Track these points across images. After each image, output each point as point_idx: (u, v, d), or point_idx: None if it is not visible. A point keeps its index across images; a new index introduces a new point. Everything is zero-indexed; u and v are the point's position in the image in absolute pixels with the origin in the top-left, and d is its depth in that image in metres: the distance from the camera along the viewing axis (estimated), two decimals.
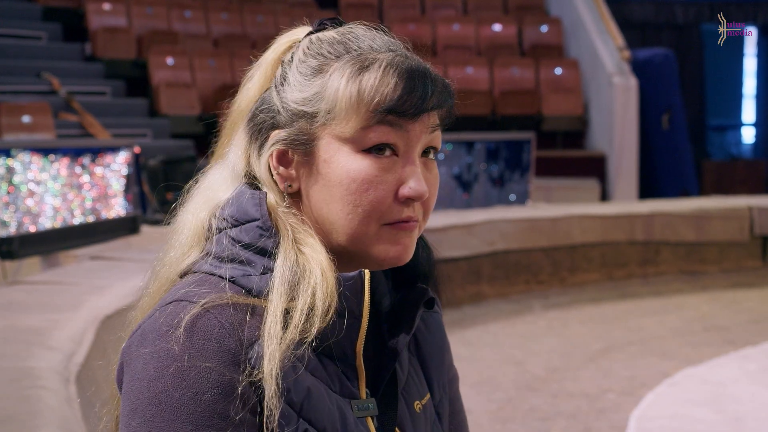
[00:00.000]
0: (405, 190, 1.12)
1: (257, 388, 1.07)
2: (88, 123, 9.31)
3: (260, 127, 1.18)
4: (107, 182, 7.05)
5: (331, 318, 1.09)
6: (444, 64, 11.84)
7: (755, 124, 17.46)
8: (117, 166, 7.13)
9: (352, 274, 1.12)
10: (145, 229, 6.34)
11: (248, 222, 1.14)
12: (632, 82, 11.16)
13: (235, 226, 1.15)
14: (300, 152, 1.15)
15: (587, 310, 7.19)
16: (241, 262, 1.13)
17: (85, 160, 6.93)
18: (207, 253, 1.15)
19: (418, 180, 1.13)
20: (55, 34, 10.84)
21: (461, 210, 8.28)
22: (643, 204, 8.93)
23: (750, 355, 5.67)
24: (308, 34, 1.19)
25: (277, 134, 1.16)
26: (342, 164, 1.12)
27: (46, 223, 6.58)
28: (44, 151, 6.73)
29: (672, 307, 7.28)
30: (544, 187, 10.44)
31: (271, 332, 1.07)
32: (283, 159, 1.16)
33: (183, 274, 1.17)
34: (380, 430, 1.16)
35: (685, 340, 6.23)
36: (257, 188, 1.17)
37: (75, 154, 6.91)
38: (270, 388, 1.06)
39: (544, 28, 12.57)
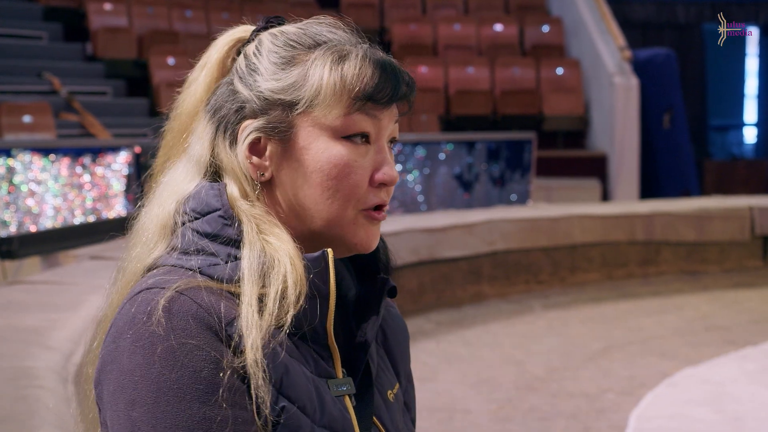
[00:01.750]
0: (380, 175, 1.17)
1: (241, 374, 1.07)
2: (88, 123, 9.31)
3: (228, 119, 1.19)
4: (108, 182, 7.05)
5: (302, 304, 1.11)
6: (445, 64, 11.85)
7: (757, 124, 17.46)
8: (118, 166, 7.14)
9: (316, 254, 1.15)
10: None
11: (210, 213, 1.15)
12: (633, 81, 11.16)
13: (197, 218, 1.16)
14: (276, 140, 1.17)
15: (587, 310, 7.18)
16: (207, 253, 1.14)
17: (86, 160, 6.94)
18: (172, 248, 1.16)
19: (391, 166, 1.19)
20: (55, 34, 10.84)
21: (462, 210, 8.28)
22: (643, 204, 8.92)
23: (750, 355, 5.67)
24: (256, 30, 1.24)
25: (251, 123, 1.17)
26: (322, 150, 1.16)
27: (47, 222, 6.59)
28: (45, 151, 6.73)
29: (672, 307, 7.27)
30: (545, 187, 10.44)
31: (249, 321, 1.08)
32: (254, 148, 1.18)
33: (148, 270, 1.17)
34: (359, 419, 1.17)
35: (685, 340, 6.23)
36: (216, 182, 1.19)
37: (76, 154, 6.91)
38: (257, 376, 1.07)
39: (545, 28, 12.57)
